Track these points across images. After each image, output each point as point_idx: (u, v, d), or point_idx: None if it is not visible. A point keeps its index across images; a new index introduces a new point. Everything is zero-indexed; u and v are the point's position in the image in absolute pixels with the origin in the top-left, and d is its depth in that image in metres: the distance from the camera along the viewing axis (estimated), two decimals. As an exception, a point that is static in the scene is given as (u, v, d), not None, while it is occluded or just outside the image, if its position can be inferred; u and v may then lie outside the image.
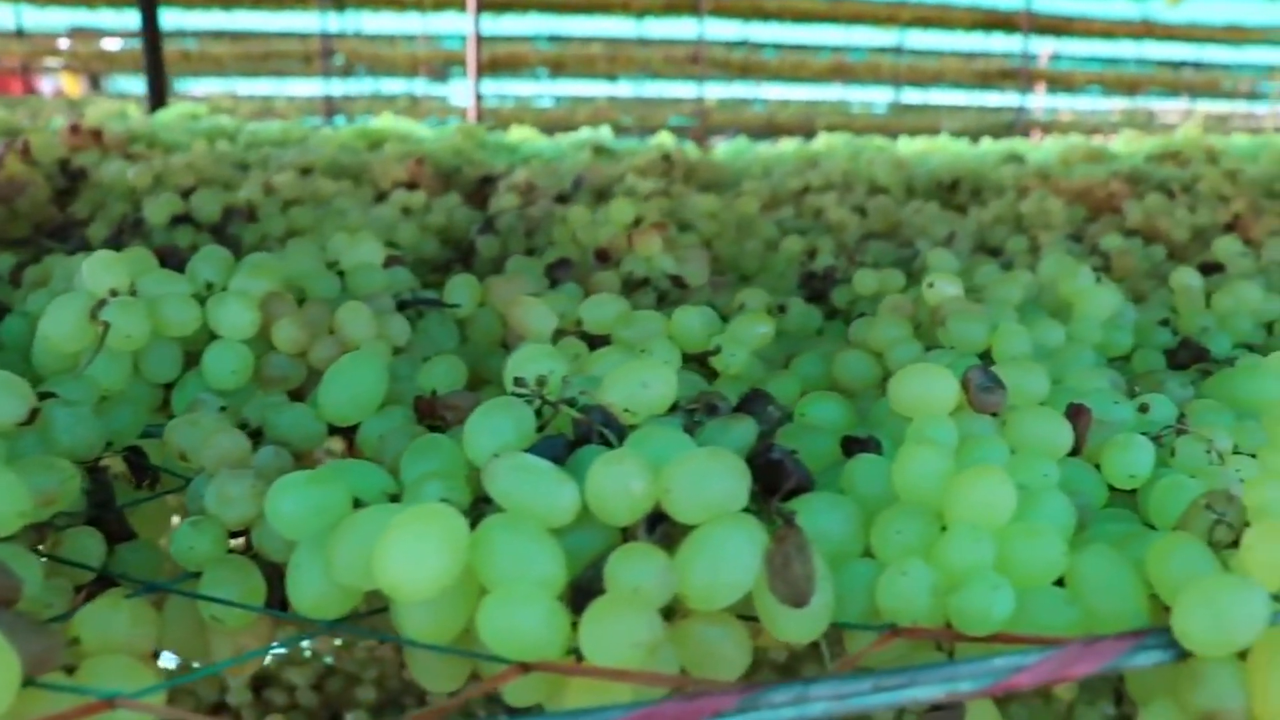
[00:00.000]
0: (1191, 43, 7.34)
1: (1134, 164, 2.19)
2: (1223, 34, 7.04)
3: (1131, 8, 6.82)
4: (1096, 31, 6.96)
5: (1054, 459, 0.47)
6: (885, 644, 0.38)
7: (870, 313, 0.71)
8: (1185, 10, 6.69)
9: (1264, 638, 0.35)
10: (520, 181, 1.42)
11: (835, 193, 1.53)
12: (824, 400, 0.54)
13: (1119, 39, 7.14)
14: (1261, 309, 0.87)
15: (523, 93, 7.59)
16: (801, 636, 0.38)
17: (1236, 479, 0.47)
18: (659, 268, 0.84)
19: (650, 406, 0.46)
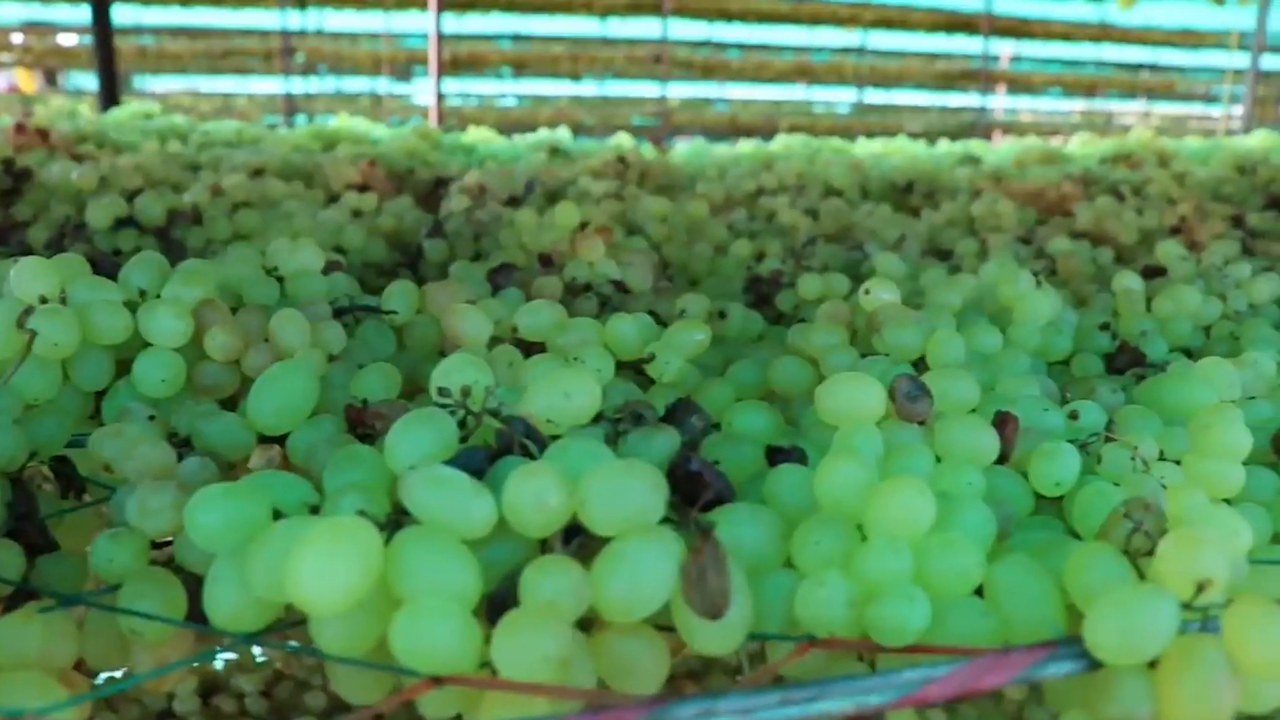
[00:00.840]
0: (1147, 45, 7.42)
1: (1087, 166, 2.21)
2: (1177, 37, 7.13)
3: (1090, 10, 6.88)
4: (1055, 34, 7.02)
5: (980, 467, 0.47)
6: (802, 655, 0.38)
7: (813, 318, 0.72)
8: (1141, 14, 6.77)
9: (1173, 646, 0.35)
10: (472, 184, 1.41)
11: (788, 195, 1.54)
12: (750, 409, 0.54)
13: (1077, 41, 7.21)
14: (1200, 313, 0.88)
15: (486, 92, 7.56)
16: (719, 648, 0.38)
17: (1159, 486, 0.47)
18: (602, 273, 0.84)
19: (573, 417, 0.46)
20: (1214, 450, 0.52)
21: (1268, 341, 0.80)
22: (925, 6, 6.60)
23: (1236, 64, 6.07)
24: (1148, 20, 7.04)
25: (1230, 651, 0.35)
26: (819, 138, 2.75)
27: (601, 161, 1.74)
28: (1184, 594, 0.37)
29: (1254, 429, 0.59)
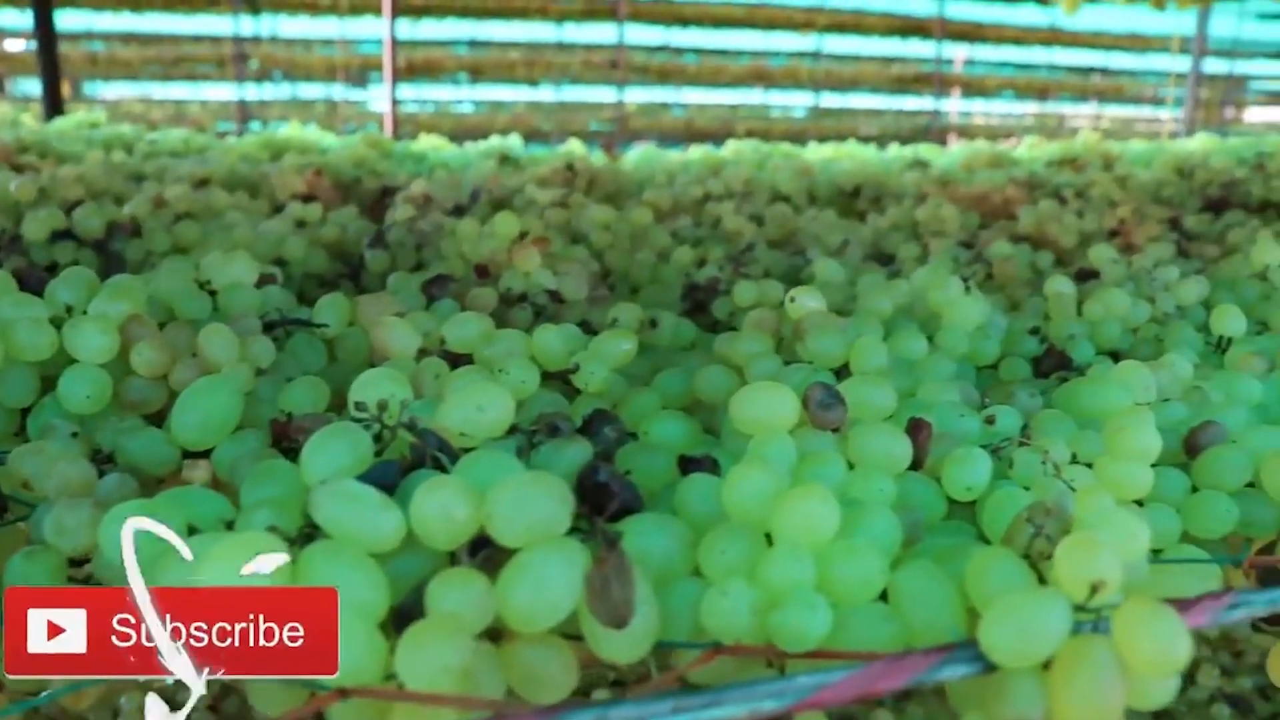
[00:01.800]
0: (1097, 49, 7.53)
1: (1033, 170, 2.24)
2: (1125, 41, 7.24)
3: (1040, 15, 6.97)
4: (1007, 38, 7.11)
5: (891, 474, 0.48)
6: (707, 662, 0.39)
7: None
8: (1091, 18, 6.86)
9: (1065, 647, 0.36)
10: (417, 193, 1.41)
11: (733, 201, 1.55)
12: (667, 418, 0.55)
13: (1029, 45, 7.31)
14: (1129, 316, 0.90)
15: (443, 98, 7.54)
16: (626, 656, 0.39)
17: (1068, 490, 0.48)
18: (538, 283, 0.84)
19: (487, 429, 0.46)
20: (1125, 453, 0.53)
21: (1188, 344, 0.82)
22: (879, 11, 6.67)
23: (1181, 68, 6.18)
24: (1097, 25, 7.15)
25: (1119, 651, 0.36)
26: (774, 142, 2.77)
27: (550, 169, 1.74)
28: (1079, 596, 0.38)
29: (1167, 431, 0.61)
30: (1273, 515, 0.56)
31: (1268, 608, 0.44)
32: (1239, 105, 8.72)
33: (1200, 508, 0.55)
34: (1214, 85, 8.01)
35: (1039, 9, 6.31)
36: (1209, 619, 0.41)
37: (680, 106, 7.34)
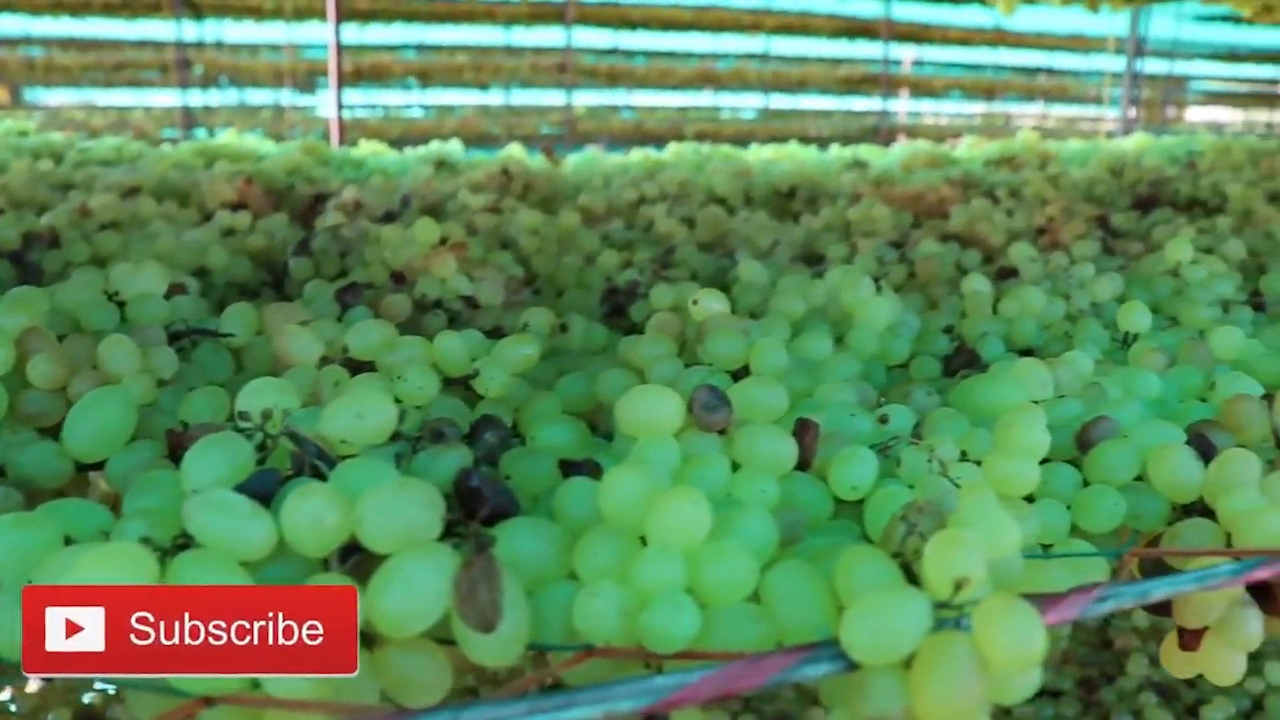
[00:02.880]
0: (1042, 50, 7.63)
1: (970, 169, 2.27)
2: (1068, 42, 7.34)
3: (986, 16, 7.04)
4: (953, 39, 7.18)
5: (776, 475, 0.49)
6: (578, 664, 0.39)
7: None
8: (1035, 19, 6.94)
9: (926, 645, 0.37)
10: (347, 200, 1.41)
11: (665, 204, 1.55)
12: (554, 423, 0.55)
13: (975, 46, 7.39)
14: (1044, 313, 0.91)
15: (392, 103, 7.49)
16: (497, 660, 0.39)
17: (951, 488, 0.49)
18: (453, 289, 0.84)
19: (368, 436, 0.46)
20: (1014, 450, 0.54)
21: (1095, 340, 0.83)
22: (825, 12, 6.71)
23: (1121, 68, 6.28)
24: (1041, 26, 7.24)
25: (978, 647, 0.36)
26: (724, 143, 2.79)
27: (485, 174, 1.74)
28: (944, 593, 0.38)
29: (1062, 427, 0.62)
30: (1160, 508, 0.57)
31: (1136, 600, 0.45)
32: (1180, 105, 8.88)
33: (1089, 502, 0.56)
34: (1155, 85, 8.16)
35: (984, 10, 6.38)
36: (1077, 612, 0.42)
37: (629, 109, 7.35)
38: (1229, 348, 0.79)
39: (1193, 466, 0.56)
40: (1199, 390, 0.73)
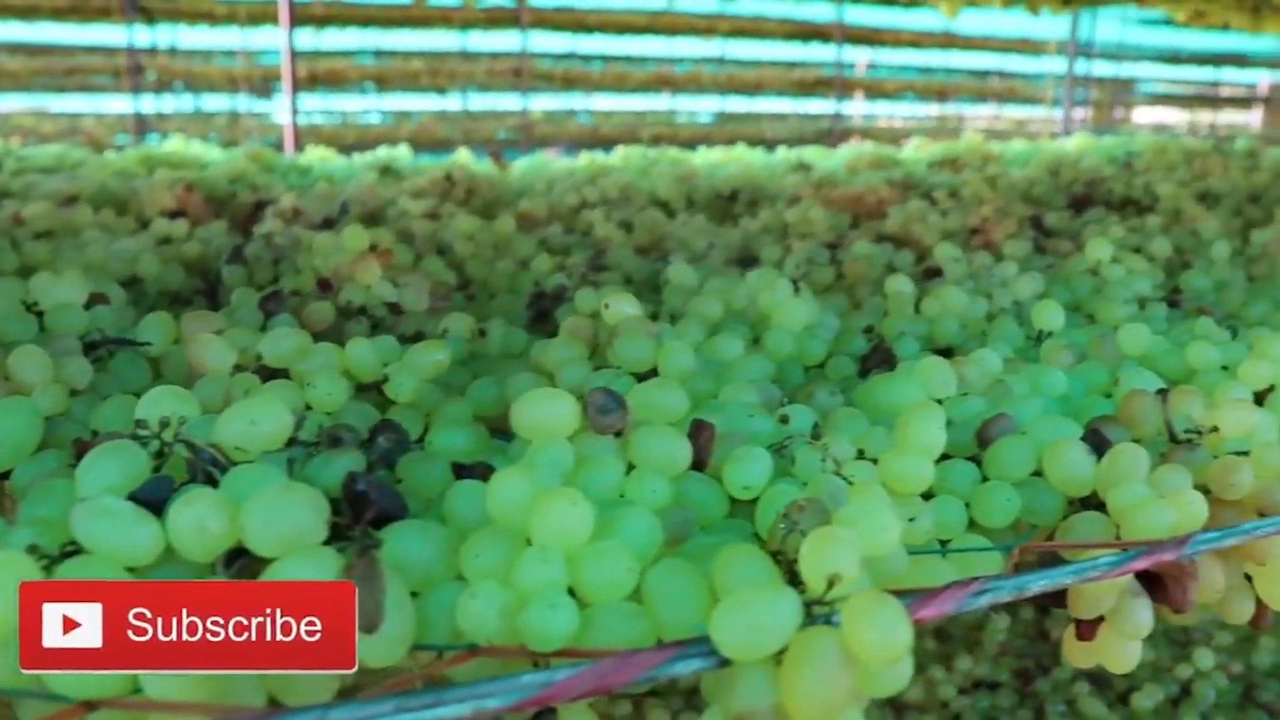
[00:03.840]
0: (992, 52, 7.72)
1: (912, 171, 2.29)
2: (1018, 45, 7.43)
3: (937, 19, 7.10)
4: (905, 42, 7.24)
5: (670, 475, 0.50)
6: (461, 663, 0.40)
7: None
8: (984, 22, 7.01)
9: (795, 640, 0.38)
10: (286, 207, 1.41)
11: (604, 208, 1.56)
12: (451, 427, 0.56)
13: (927, 49, 7.46)
14: (966, 312, 0.93)
15: (349, 108, 7.45)
16: (382, 660, 0.39)
17: (843, 486, 0.50)
18: (377, 295, 0.84)
19: (262, 443, 0.47)
20: (909, 448, 0.55)
21: (1008, 339, 0.85)
22: (779, 16, 6.74)
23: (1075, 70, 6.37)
24: (990, 29, 7.32)
25: (846, 642, 0.38)
26: (681, 147, 2.80)
27: (428, 180, 1.74)
28: (819, 589, 0.39)
29: (965, 424, 0.63)
30: (1055, 502, 0.59)
31: (1014, 593, 0.46)
32: (1128, 106, 9.01)
33: (985, 498, 0.57)
34: (1103, 87, 8.28)
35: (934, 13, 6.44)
36: (954, 606, 0.43)
37: (586, 113, 7.35)
38: (1136, 344, 0.80)
39: (1085, 462, 0.58)
40: (1105, 386, 0.75)
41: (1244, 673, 1.50)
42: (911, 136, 3.15)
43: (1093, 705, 1.41)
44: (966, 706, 1.41)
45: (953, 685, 1.43)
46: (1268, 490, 0.59)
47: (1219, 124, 9.19)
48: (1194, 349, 0.78)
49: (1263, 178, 2.22)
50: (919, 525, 0.52)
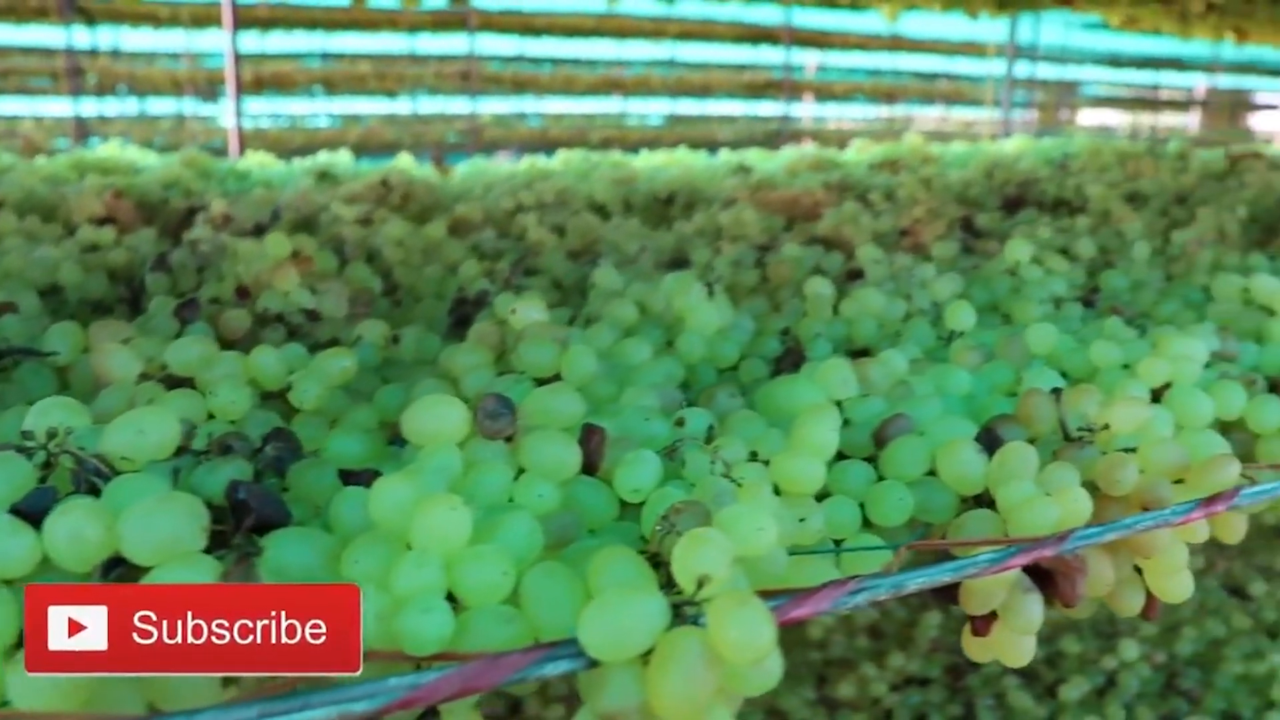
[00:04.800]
0: (938, 55, 7.81)
1: (851, 173, 2.32)
2: (963, 48, 7.52)
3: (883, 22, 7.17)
4: (853, 44, 7.32)
5: (560, 480, 0.50)
6: (341, 669, 0.40)
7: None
8: (931, 25, 7.08)
9: (663, 641, 0.39)
10: (216, 214, 1.40)
11: (537, 212, 1.57)
12: (345, 435, 0.56)
13: (874, 51, 7.53)
14: (884, 313, 0.94)
15: (297, 111, 7.39)
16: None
17: (730, 488, 0.51)
18: (295, 303, 0.84)
19: (149, 452, 0.47)
20: (802, 448, 0.56)
21: (919, 340, 0.86)
22: (728, 19, 6.78)
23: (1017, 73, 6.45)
24: (937, 32, 7.40)
25: (710, 642, 0.38)
26: (631, 149, 2.81)
27: (364, 185, 1.74)
28: (690, 590, 0.40)
29: (864, 425, 0.64)
30: (948, 501, 0.60)
31: (891, 591, 0.47)
32: (1073, 108, 9.16)
33: (880, 497, 0.58)
34: (1048, 89, 8.41)
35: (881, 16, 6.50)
36: (829, 605, 0.44)
37: (536, 116, 7.34)
38: (1043, 343, 0.82)
39: (976, 461, 0.59)
40: (1008, 386, 0.77)
41: (1167, 662, 1.53)
42: (860, 138, 3.18)
43: (1021, 698, 1.44)
44: (898, 703, 1.43)
45: (884, 682, 1.45)
46: (1153, 485, 0.61)
47: (1159, 126, 9.36)
48: (1096, 348, 0.80)
49: (1190, 179, 2.26)
50: (810, 525, 0.53)
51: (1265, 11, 2.62)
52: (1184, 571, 0.64)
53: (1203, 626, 1.63)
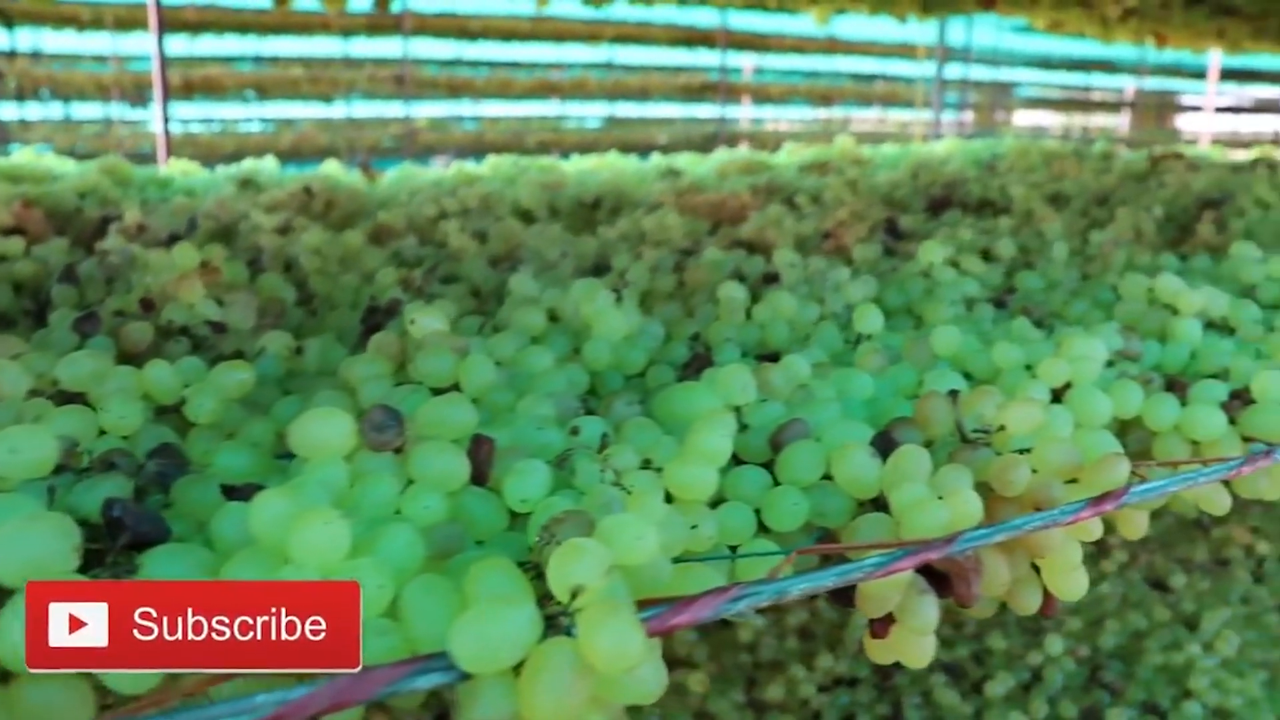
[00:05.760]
0: (872, 57, 7.90)
1: (781, 175, 2.33)
2: (897, 50, 7.61)
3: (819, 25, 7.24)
4: (788, 47, 7.38)
5: (447, 491, 0.50)
6: (215, 684, 0.40)
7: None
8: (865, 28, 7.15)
9: (536, 652, 0.39)
10: (130, 223, 1.38)
11: (461, 219, 1.56)
12: (232, 449, 0.56)
13: (810, 54, 7.60)
14: (797, 317, 0.95)
15: (231, 116, 7.29)
16: (135, 687, 0.39)
17: (618, 496, 0.51)
18: (200, 314, 0.84)
19: (24, 471, 0.46)
20: (695, 455, 0.56)
21: (826, 344, 0.87)
22: (664, 22, 6.80)
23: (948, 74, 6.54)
24: (871, 34, 7.48)
25: (581, 652, 0.39)
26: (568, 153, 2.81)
27: (287, 193, 1.72)
28: (565, 600, 0.40)
29: (762, 430, 0.65)
30: (843, 505, 0.60)
31: (774, 597, 0.47)
32: (1009, 109, 9.31)
33: (774, 502, 0.59)
34: (982, 91, 8.54)
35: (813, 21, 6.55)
36: (710, 613, 0.44)
37: (472, 120, 7.31)
38: (947, 345, 0.83)
39: (870, 464, 0.60)
40: (912, 388, 0.78)
41: (1090, 655, 1.56)
42: (798, 140, 3.20)
43: (948, 696, 1.45)
44: (826, 704, 1.44)
45: (813, 684, 1.46)
46: (1045, 486, 0.62)
47: (1091, 127, 9.55)
48: (998, 349, 0.81)
49: (1112, 180, 2.31)
50: (702, 532, 0.54)
51: (1181, 17, 2.68)
52: (1079, 569, 0.65)
53: (1125, 619, 1.66)
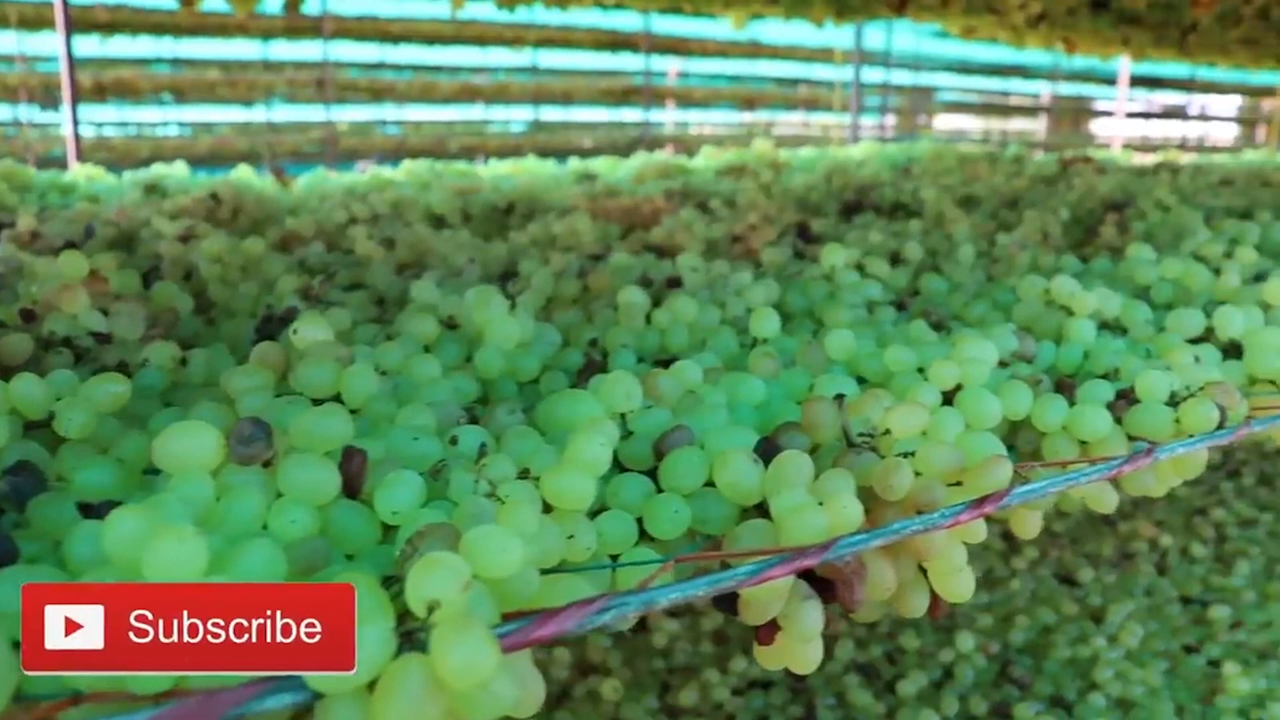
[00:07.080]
0: (795, 61, 7.97)
1: (697, 179, 2.34)
2: (820, 54, 7.69)
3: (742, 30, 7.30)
4: (712, 51, 7.41)
5: (317, 504, 0.50)
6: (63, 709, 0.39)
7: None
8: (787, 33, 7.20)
9: (389, 669, 0.38)
10: (23, 231, 1.34)
11: (369, 225, 1.54)
12: (95, 465, 0.55)
13: (734, 58, 7.64)
14: (697, 321, 0.95)
15: (147, 119, 7.15)
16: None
17: (490, 507, 0.50)
18: (84, 325, 0.82)
19: None
20: (573, 464, 0.56)
21: (721, 348, 0.88)
22: (587, 26, 6.80)
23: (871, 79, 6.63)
24: (794, 39, 7.55)
25: (434, 668, 0.38)
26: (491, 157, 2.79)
27: (193, 199, 1.69)
28: (422, 615, 0.40)
29: (646, 437, 0.65)
30: (725, 512, 0.60)
31: (642, 607, 0.47)
32: (930, 113, 9.46)
33: (656, 510, 0.58)
34: (904, 95, 8.67)
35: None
36: (574, 625, 0.44)
37: (395, 125, 7.24)
38: (841, 349, 0.84)
39: (752, 471, 0.60)
40: (803, 393, 0.78)
41: (1000, 651, 1.58)
42: (722, 144, 3.22)
43: (861, 696, 1.47)
44: (740, 707, 1.45)
45: (727, 687, 1.47)
46: (926, 489, 0.62)
47: (1010, 131, 9.73)
48: (890, 353, 0.82)
49: (1023, 183, 2.35)
50: (579, 542, 0.54)
51: (1088, 24, 2.74)
52: (965, 571, 0.66)
53: (1035, 615, 1.69)
